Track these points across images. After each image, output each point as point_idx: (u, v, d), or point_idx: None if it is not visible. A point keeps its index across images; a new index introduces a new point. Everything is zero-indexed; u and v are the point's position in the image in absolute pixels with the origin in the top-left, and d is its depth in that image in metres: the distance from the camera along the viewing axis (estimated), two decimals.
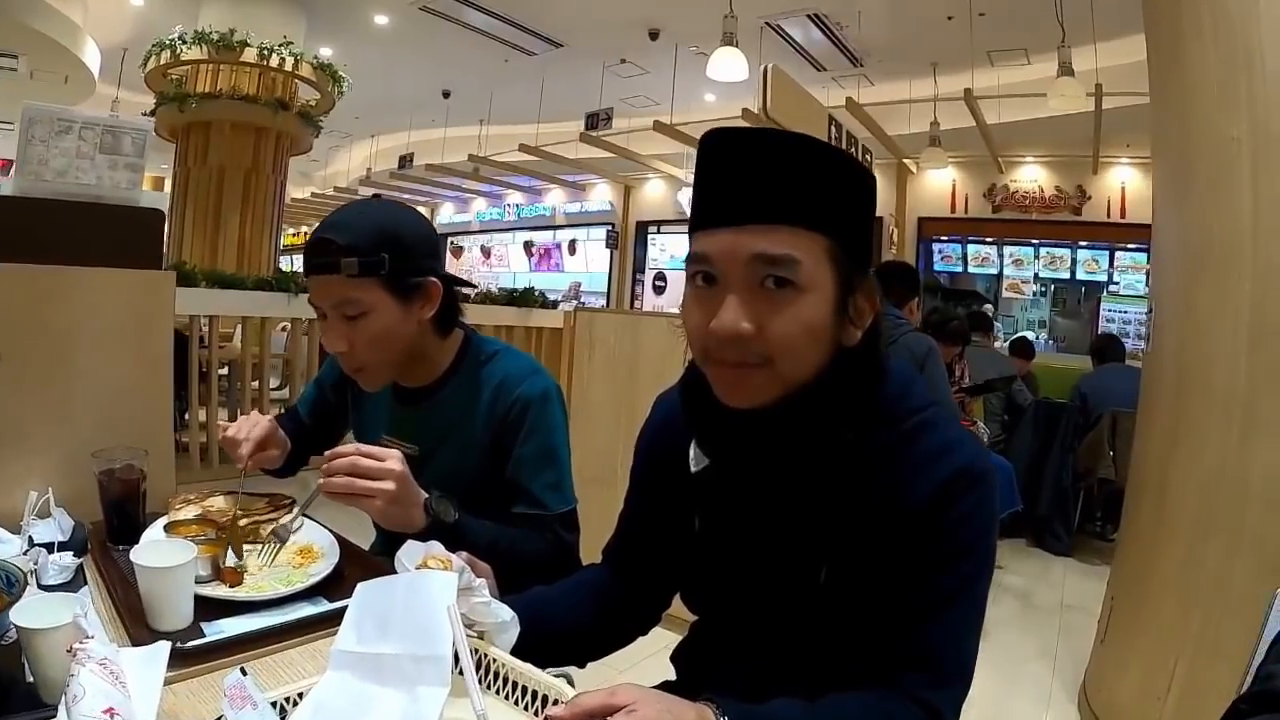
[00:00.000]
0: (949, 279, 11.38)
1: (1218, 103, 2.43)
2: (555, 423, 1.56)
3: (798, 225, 0.91)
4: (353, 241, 1.37)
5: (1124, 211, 9.78)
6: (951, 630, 0.95)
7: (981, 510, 0.96)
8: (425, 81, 11.50)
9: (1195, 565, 2.47)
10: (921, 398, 1.02)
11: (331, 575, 1.31)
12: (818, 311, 0.93)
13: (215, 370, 5.44)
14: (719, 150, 0.95)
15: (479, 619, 1.01)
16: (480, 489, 1.52)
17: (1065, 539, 5.16)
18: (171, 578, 1.10)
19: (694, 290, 0.96)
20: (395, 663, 0.92)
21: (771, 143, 0.93)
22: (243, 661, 1.04)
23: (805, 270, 0.91)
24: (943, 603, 0.95)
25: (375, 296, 1.40)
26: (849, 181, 0.95)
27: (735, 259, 0.91)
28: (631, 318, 4.04)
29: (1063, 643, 3.68)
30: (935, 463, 0.96)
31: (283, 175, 9.88)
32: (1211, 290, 2.46)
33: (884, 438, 0.99)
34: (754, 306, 0.91)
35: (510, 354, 1.63)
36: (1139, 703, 2.60)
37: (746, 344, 0.91)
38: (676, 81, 9.58)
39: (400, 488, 1.25)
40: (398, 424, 1.63)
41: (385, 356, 1.47)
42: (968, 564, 0.96)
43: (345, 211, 1.47)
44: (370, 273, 1.38)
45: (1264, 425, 2.30)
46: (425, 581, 0.96)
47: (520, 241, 16.89)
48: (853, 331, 0.98)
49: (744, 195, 0.92)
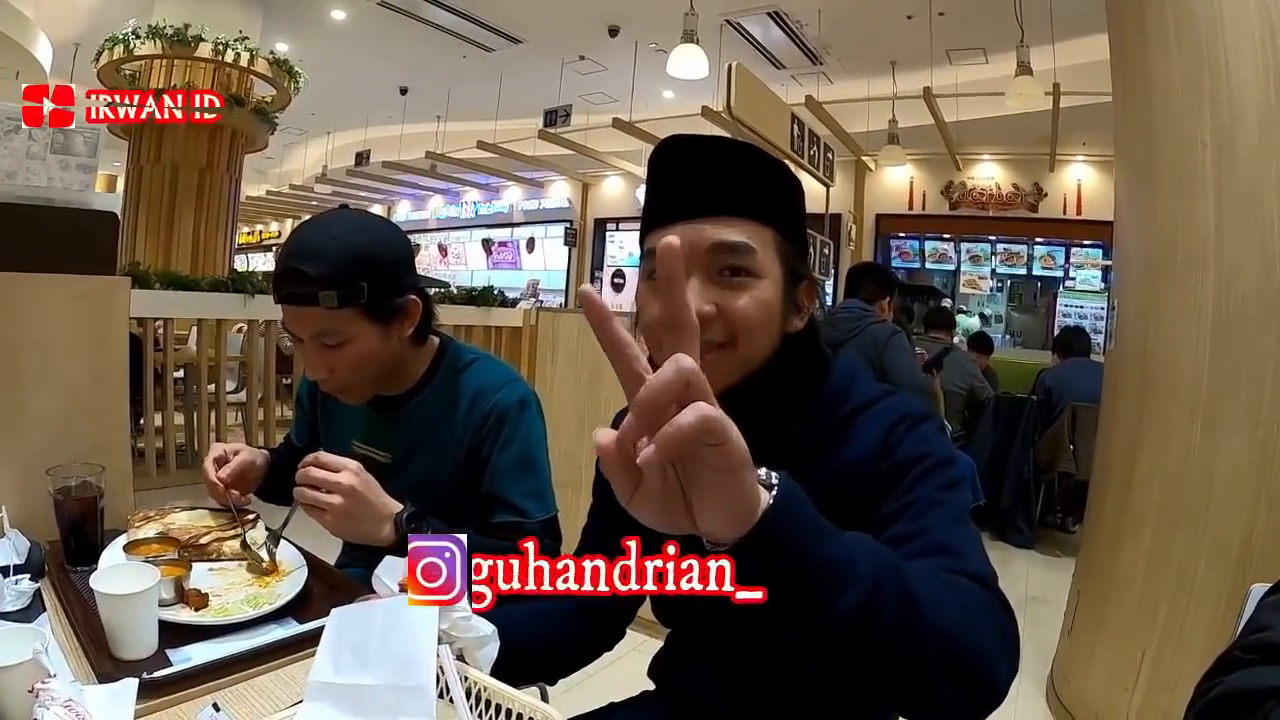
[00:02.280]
0: (907, 275, 11.44)
1: (1182, 105, 2.47)
2: (533, 430, 1.53)
3: (751, 218, 0.98)
4: (328, 273, 1.31)
5: (1080, 208, 9.97)
6: (951, 520, 0.89)
7: (934, 439, 0.98)
8: (383, 78, 11.35)
9: (1160, 558, 2.51)
10: (865, 392, 1.04)
11: (300, 595, 1.26)
12: (772, 296, 0.98)
13: (170, 374, 5.30)
14: (670, 155, 1.01)
15: (460, 634, 0.98)
16: (454, 498, 1.48)
17: (1027, 532, 5.22)
18: (134, 605, 1.05)
19: (651, 285, 0.99)
20: (376, 694, 0.88)
21: (718, 145, 1.01)
22: (213, 691, 1.01)
23: (760, 259, 0.97)
24: (928, 506, 0.90)
25: (356, 326, 1.37)
26: (788, 185, 1.04)
27: (695, 248, 0.95)
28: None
29: (1029, 635, 3.62)
30: (874, 421, 1.00)
31: (238, 173, 9.72)
32: (1175, 289, 2.50)
33: (828, 422, 1.02)
34: (712, 290, 0.96)
35: (487, 362, 1.61)
36: (1107, 694, 2.64)
37: (707, 326, 0.94)
38: (636, 79, 9.55)
39: (351, 502, 1.22)
40: (371, 432, 1.59)
41: (367, 378, 1.45)
42: (940, 475, 0.93)
43: (315, 234, 1.39)
44: (350, 303, 1.34)
45: (1227, 422, 2.34)
46: (405, 610, 0.91)
47: (478, 239, 16.77)
48: (796, 322, 1.04)
49: (701, 190, 0.98)
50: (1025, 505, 5.26)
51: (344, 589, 1.28)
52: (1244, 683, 0.75)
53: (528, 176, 14.54)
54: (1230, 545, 2.31)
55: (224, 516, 1.49)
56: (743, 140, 1.01)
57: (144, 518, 1.45)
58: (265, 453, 1.61)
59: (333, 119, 13.54)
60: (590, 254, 14.71)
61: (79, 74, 10.16)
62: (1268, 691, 0.72)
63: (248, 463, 1.53)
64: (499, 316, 6.90)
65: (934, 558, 0.82)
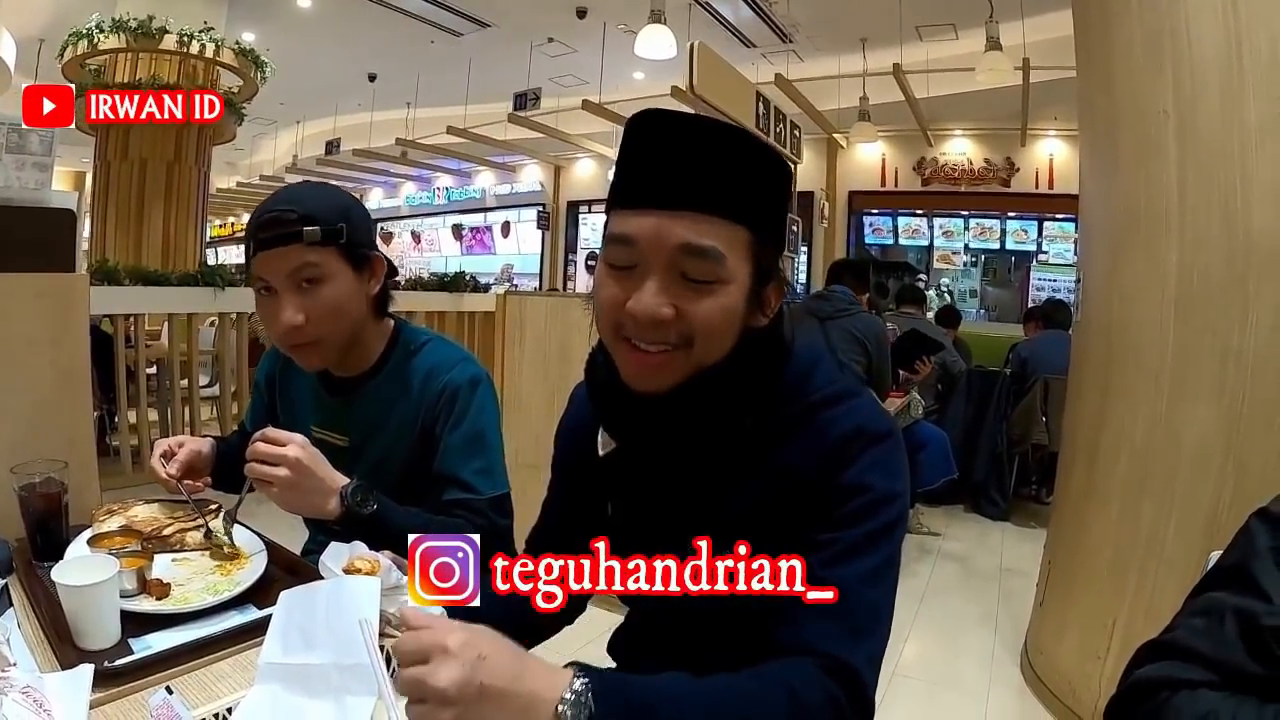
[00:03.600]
0: (880, 251, 11.56)
1: (1145, 76, 2.49)
2: (484, 408, 1.53)
3: (724, 216, 0.91)
4: (311, 211, 1.38)
5: (1052, 182, 10.06)
6: (859, 577, 0.90)
7: (882, 469, 0.95)
8: (350, 65, 11.23)
9: (1128, 528, 2.55)
10: (823, 379, 1.02)
11: (260, 581, 1.27)
12: (735, 301, 0.94)
13: (143, 370, 5.25)
14: (648, 130, 0.95)
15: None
16: (411, 478, 1.50)
17: (1002, 504, 5.29)
18: (94, 595, 1.05)
19: (609, 268, 0.95)
20: (322, 673, 0.90)
21: (702, 129, 0.93)
22: (173, 677, 1.01)
23: (728, 265, 0.92)
24: (848, 552, 0.91)
25: (334, 264, 1.41)
26: (772, 173, 0.97)
27: (660, 245, 0.90)
28: (562, 300, 4.02)
29: (1003, 606, 3.76)
30: (829, 426, 0.96)
31: (206, 165, 9.60)
32: (1139, 261, 2.52)
33: (784, 416, 0.99)
34: (674, 291, 0.91)
35: (440, 343, 1.62)
36: (1080, 663, 2.68)
37: (665, 328, 0.92)
38: (605, 60, 9.51)
39: (296, 474, 1.23)
40: (327, 415, 1.60)
41: (337, 330, 1.44)
42: (873, 521, 0.93)
43: (294, 189, 1.48)
44: (331, 241, 1.39)
45: (1192, 392, 2.38)
46: (347, 588, 0.94)
47: (451, 225, 16.71)
48: (760, 318, 0.99)
49: (673, 179, 0.91)
50: (999, 477, 5.32)
51: (304, 574, 1.28)
52: (1148, 675, 0.87)
53: (499, 161, 14.48)
54: (1198, 512, 2.35)
55: (186, 508, 1.48)
56: (729, 123, 0.96)
57: (108, 511, 1.45)
58: (211, 440, 1.61)
59: (302, 108, 13.42)
60: (564, 237, 14.68)
61: (44, 70, 10.01)
62: (1165, 682, 0.84)
63: (194, 452, 1.53)
64: (471, 302, 6.87)
65: (820, 621, 0.87)
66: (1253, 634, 0.83)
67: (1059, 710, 2.74)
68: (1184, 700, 0.82)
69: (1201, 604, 0.90)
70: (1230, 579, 0.90)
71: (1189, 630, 0.88)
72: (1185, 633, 0.88)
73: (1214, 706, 0.80)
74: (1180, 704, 0.82)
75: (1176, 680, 0.84)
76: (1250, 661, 0.82)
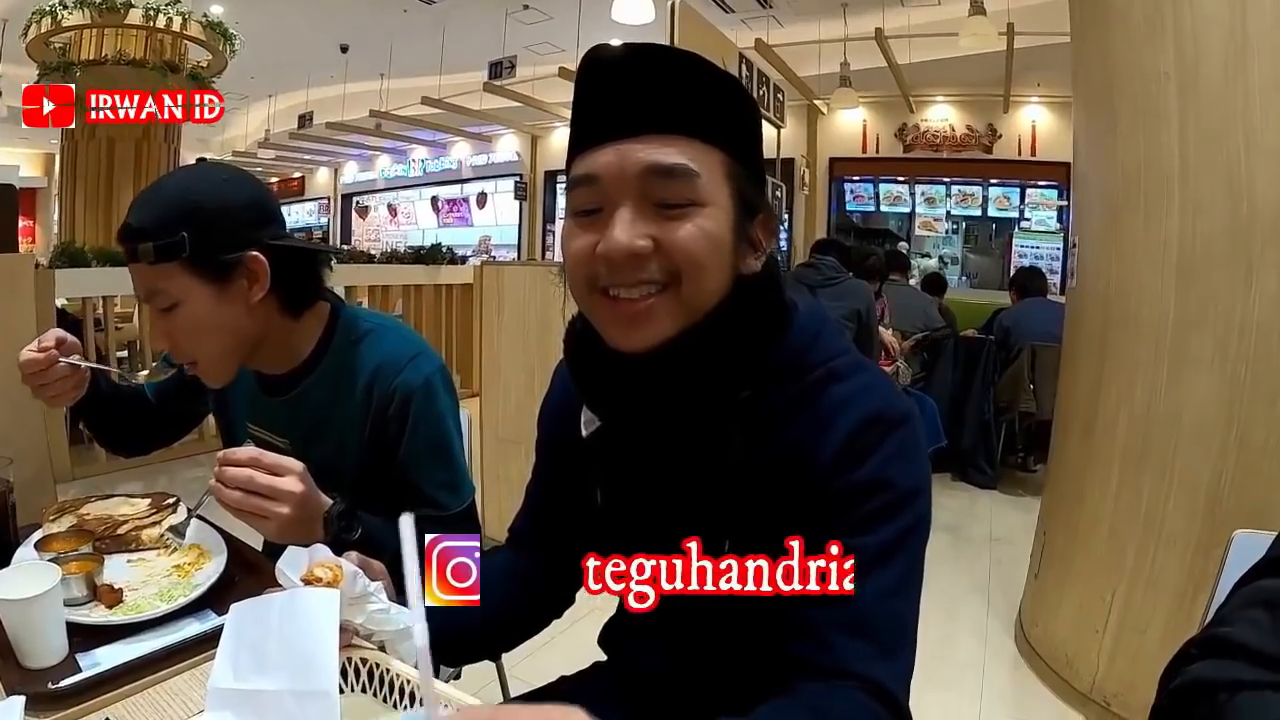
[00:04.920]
0: (862, 218, 11.50)
1: (1144, 37, 2.41)
2: (443, 411, 1.39)
3: (693, 136, 0.83)
4: (145, 223, 1.20)
5: (1034, 149, 10.00)
6: (888, 589, 0.84)
7: (903, 460, 0.87)
8: (322, 36, 10.98)
9: (1128, 499, 2.50)
10: (829, 347, 0.92)
11: (219, 583, 1.17)
12: (718, 226, 0.84)
13: (114, 354, 5.12)
14: (599, 65, 0.87)
15: (378, 628, 0.91)
16: (363, 485, 1.35)
17: (989, 472, 5.27)
18: (34, 609, 0.95)
19: (575, 220, 0.87)
20: (276, 700, 0.80)
21: (654, 52, 0.86)
22: (124, 696, 0.93)
23: (703, 184, 0.83)
24: (873, 561, 0.83)
25: (182, 284, 1.21)
26: (739, 100, 0.89)
27: (624, 174, 0.82)
28: (540, 269, 3.94)
29: (995, 576, 3.74)
30: (841, 413, 0.87)
31: (177, 142, 9.46)
32: (1138, 225, 2.46)
33: (786, 392, 0.89)
34: (648, 220, 0.83)
35: (387, 333, 1.43)
36: (1077, 636, 2.65)
37: (644, 264, 0.83)
38: (581, 26, 9.31)
39: (296, 511, 1.09)
40: (264, 414, 1.45)
41: (214, 350, 1.27)
42: (895, 523, 0.85)
43: (150, 188, 1.29)
44: (169, 256, 1.19)
45: (1193, 360, 2.32)
46: (303, 602, 0.84)
47: (427, 197, 16.52)
48: (751, 261, 0.90)
49: (632, 105, 0.83)
50: (986, 445, 5.30)
51: (269, 574, 1.16)
52: (1200, 674, 0.77)
53: (475, 131, 14.28)
54: (1199, 485, 2.30)
55: (143, 502, 1.39)
56: (685, 50, 0.86)
57: (59, 509, 1.35)
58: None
59: (273, 82, 13.15)
60: (541, 207, 14.49)
61: (8, 51, 9.72)
62: (1224, 684, 0.74)
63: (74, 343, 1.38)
64: (448, 274, 6.77)
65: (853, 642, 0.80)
66: None
67: (1055, 683, 2.71)
68: (1247, 703, 0.72)
69: (1259, 594, 0.80)
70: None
71: (1248, 624, 0.78)
72: (1244, 627, 0.77)
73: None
74: (1244, 706, 0.71)
75: (1238, 682, 0.74)
76: None
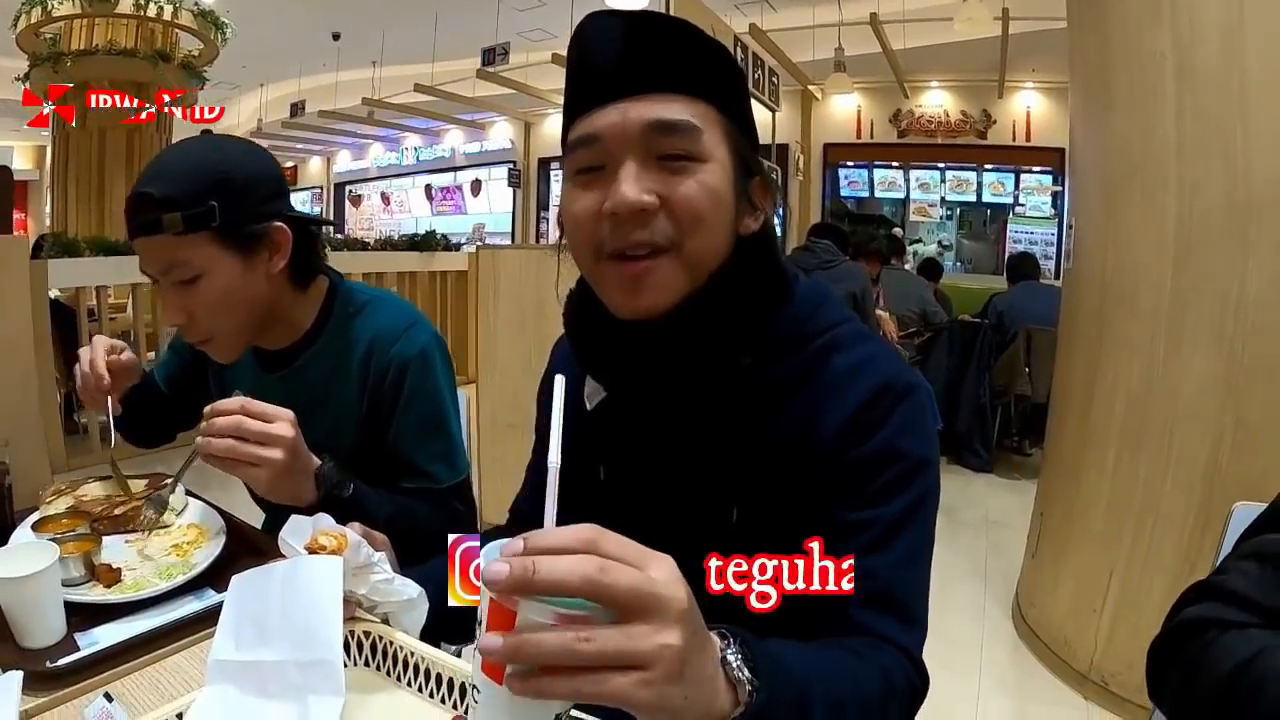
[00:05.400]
0: (856, 204, 11.48)
1: (1139, 18, 2.41)
2: (438, 384, 1.39)
3: (692, 94, 0.85)
4: (172, 192, 1.17)
5: (1029, 135, 9.98)
6: (903, 560, 0.86)
7: (913, 430, 0.87)
8: (313, 24, 10.88)
9: (1125, 479, 2.51)
10: (831, 316, 0.93)
11: (218, 562, 1.16)
12: (720, 182, 0.85)
13: None
14: (594, 30, 0.87)
15: (381, 599, 0.91)
16: (359, 462, 1.33)
17: (985, 455, 5.28)
18: (31, 588, 0.94)
19: (576, 182, 0.88)
20: (279, 671, 0.80)
21: (654, 17, 0.87)
22: (123, 675, 0.93)
23: (705, 140, 0.84)
24: (888, 534, 0.85)
25: (208, 254, 1.20)
26: (731, 65, 0.91)
27: (627, 131, 0.83)
28: (535, 252, 3.93)
29: (991, 558, 3.76)
30: (849, 384, 0.87)
31: (168, 132, 9.37)
32: (1135, 207, 2.46)
33: (790, 362, 0.90)
34: (653, 176, 0.83)
35: (383, 304, 1.44)
36: (1075, 616, 2.66)
37: (649, 221, 0.83)
38: (575, 12, 9.24)
39: (289, 458, 1.07)
40: (262, 391, 1.41)
41: (233, 323, 1.28)
42: (908, 492, 0.86)
43: (164, 156, 1.25)
44: (198, 226, 1.18)
45: (1190, 340, 2.32)
46: (305, 570, 0.83)
47: (421, 186, 16.44)
48: (750, 222, 0.91)
49: (629, 64, 0.85)
50: (982, 429, 5.31)
51: (268, 552, 1.15)
52: (1194, 614, 0.85)
53: (468, 118, 14.21)
54: (1196, 464, 2.31)
55: (140, 483, 1.38)
56: (676, 16, 0.88)
57: (55, 492, 1.34)
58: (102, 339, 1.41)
59: (265, 70, 13.04)
60: (535, 194, 14.44)
61: None
62: (1214, 622, 0.82)
63: (133, 362, 1.38)
64: (442, 261, 6.75)
65: (881, 616, 0.82)
66: None
67: (1053, 663, 2.73)
68: (1234, 639, 0.80)
69: (1252, 547, 0.88)
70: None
71: (1240, 574, 0.85)
72: (1236, 576, 0.85)
73: (1267, 643, 0.77)
74: (1230, 642, 0.80)
75: (1226, 621, 0.82)
76: None
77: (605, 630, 0.50)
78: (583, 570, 0.49)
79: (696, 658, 0.54)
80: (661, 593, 0.51)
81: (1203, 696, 0.80)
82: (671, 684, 0.51)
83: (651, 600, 0.51)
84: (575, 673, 0.49)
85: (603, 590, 0.49)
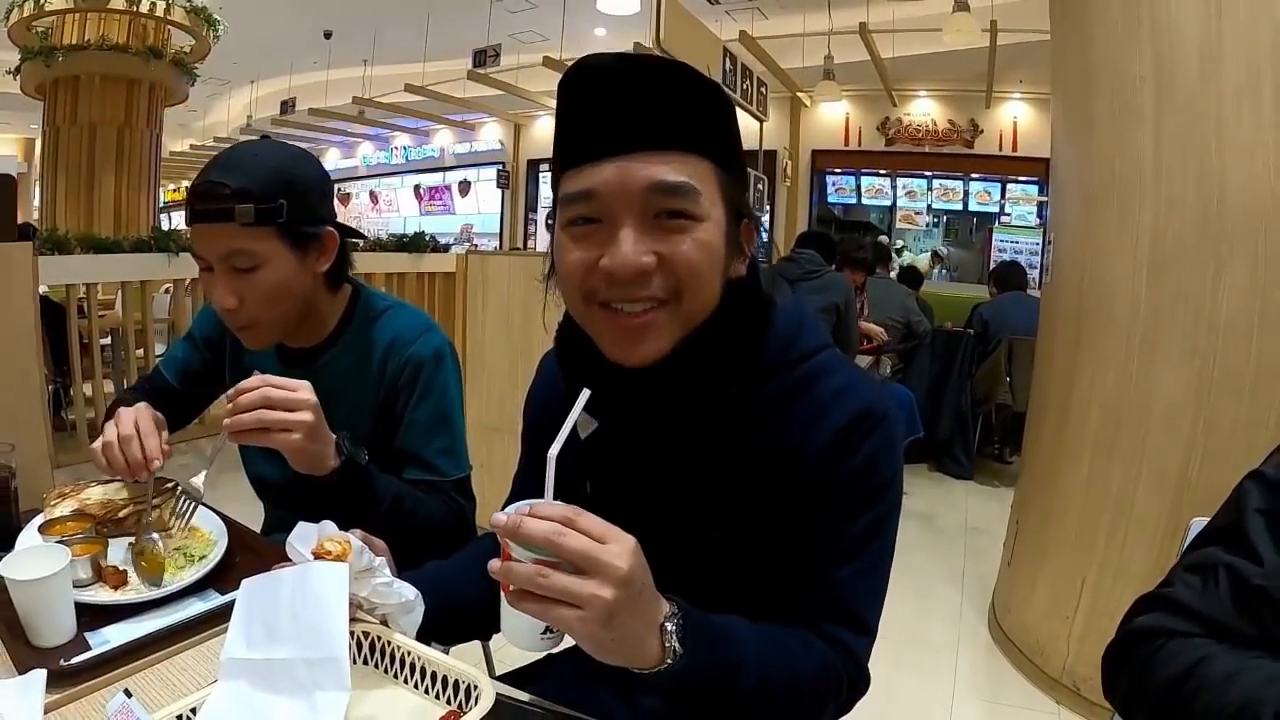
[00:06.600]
0: (843, 211, 11.51)
1: (1121, 40, 2.46)
2: (449, 385, 1.48)
3: (690, 151, 0.85)
4: (247, 185, 1.25)
5: (1015, 145, 10.04)
6: (864, 575, 0.94)
7: (885, 453, 0.93)
8: (305, 21, 10.86)
9: (1098, 487, 2.56)
10: (812, 341, 0.97)
11: (221, 564, 1.21)
12: (715, 239, 0.87)
13: (97, 341, 5.10)
14: (589, 79, 0.87)
15: (381, 601, 0.94)
16: (371, 454, 1.39)
17: (966, 463, 5.34)
18: (45, 589, 0.98)
19: (570, 234, 0.89)
20: (288, 668, 0.84)
21: (644, 67, 0.86)
22: (133, 673, 0.96)
23: (703, 200, 0.86)
24: (853, 549, 0.93)
25: (270, 247, 1.29)
26: (723, 108, 0.90)
27: (627, 190, 0.83)
28: (523, 259, 3.97)
29: (969, 564, 3.81)
30: (830, 409, 0.92)
31: (158, 128, 9.37)
32: (1112, 221, 2.51)
33: (774, 387, 0.94)
34: (652, 237, 0.85)
35: (402, 310, 1.54)
36: (1048, 622, 2.71)
37: (647, 280, 0.85)
38: (566, 16, 9.30)
39: (316, 419, 1.16)
40: None
41: (277, 313, 1.36)
42: (875, 509, 0.93)
43: (236, 152, 1.34)
44: (266, 221, 1.27)
45: (1163, 352, 2.38)
46: (313, 576, 0.88)
47: (410, 185, 16.39)
48: (739, 265, 0.94)
49: (627, 120, 0.84)
50: (963, 436, 5.36)
51: (267, 555, 1.20)
52: (1143, 624, 0.92)
53: (458, 119, 14.18)
54: (1168, 473, 2.37)
55: (142, 488, 1.40)
56: (669, 59, 0.89)
57: (59, 495, 1.36)
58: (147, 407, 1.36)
59: (256, 68, 13.01)
60: (524, 195, 14.44)
61: None
62: (1161, 631, 0.89)
63: (159, 420, 1.34)
64: (431, 262, 6.76)
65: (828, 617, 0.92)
66: (1242, 594, 0.85)
67: (1027, 669, 2.77)
68: (1179, 646, 0.86)
69: (1196, 559, 0.93)
70: (1223, 537, 0.92)
71: (1184, 586, 0.91)
72: (1180, 588, 0.91)
73: (1209, 651, 0.83)
74: (1176, 649, 0.86)
75: (1172, 630, 0.88)
76: (1238, 619, 0.85)
77: (560, 575, 0.70)
78: (544, 531, 0.70)
79: (626, 613, 0.72)
80: (603, 558, 0.70)
81: (1149, 698, 0.87)
82: (600, 627, 0.70)
83: (595, 563, 0.70)
84: (540, 600, 0.71)
85: (557, 548, 0.70)
